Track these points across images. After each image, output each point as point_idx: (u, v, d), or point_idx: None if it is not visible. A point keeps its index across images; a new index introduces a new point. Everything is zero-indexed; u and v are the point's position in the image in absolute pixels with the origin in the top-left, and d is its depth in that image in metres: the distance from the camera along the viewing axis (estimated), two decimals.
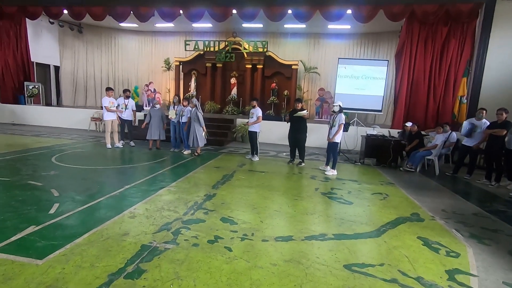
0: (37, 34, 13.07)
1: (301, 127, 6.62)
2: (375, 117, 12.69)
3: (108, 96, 7.57)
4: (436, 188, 5.59)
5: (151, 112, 7.68)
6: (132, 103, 8.04)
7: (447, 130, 7.08)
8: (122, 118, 7.87)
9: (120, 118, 7.85)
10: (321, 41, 13.65)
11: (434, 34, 9.00)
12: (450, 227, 3.61)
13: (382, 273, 2.50)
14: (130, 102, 7.96)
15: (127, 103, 7.86)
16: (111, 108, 7.46)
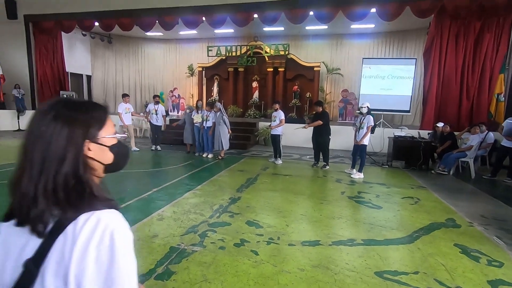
0: (71, 46, 13.94)
1: (323, 129, 6.50)
2: (402, 118, 12.19)
3: (125, 102, 7.92)
4: (472, 192, 5.25)
5: (185, 117, 7.94)
6: (161, 108, 8.30)
7: (484, 130, 6.65)
8: (152, 123, 8.16)
9: (151, 123, 8.16)
10: (343, 41, 13.40)
11: (467, 29, 8.52)
12: (491, 234, 3.37)
13: (417, 281, 2.38)
14: (159, 107, 8.22)
15: (157, 109, 8.13)
16: (126, 114, 7.81)
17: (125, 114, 7.90)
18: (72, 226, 0.61)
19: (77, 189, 0.65)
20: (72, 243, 0.60)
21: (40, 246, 0.62)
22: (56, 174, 0.63)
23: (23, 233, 0.64)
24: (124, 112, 7.86)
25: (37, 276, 0.61)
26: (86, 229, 0.61)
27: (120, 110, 7.86)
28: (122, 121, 7.88)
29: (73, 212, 0.63)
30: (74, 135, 0.66)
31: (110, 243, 0.61)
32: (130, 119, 8.05)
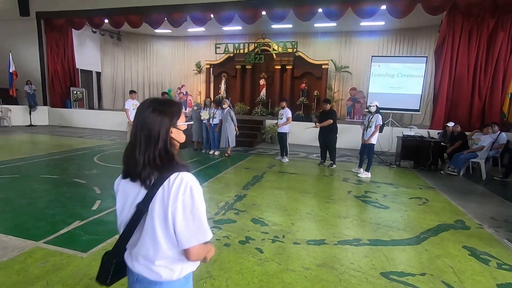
0: (81, 43, 14.12)
1: (331, 128, 6.44)
2: (412, 117, 12.01)
3: (132, 98, 7.99)
4: (483, 194, 5.14)
5: (193, 114, 7.91)
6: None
7: (496, 131, 6.49)
8: None
9: None
10: (352, 39, 13.24)
11: (480, 27, 8.31)
12: (501, 237, 3.29)
13: (424, 283, 2.34)
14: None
15: None
16: (133, 110, 7.89)
17: (132, 110, 7.97)
18: (167, 182, 0.97)
19: (167, 159, 0.99)
20: (168, 192, 0.95)
21: (147, 194, 0.98)
22: (154, 149, 0.97)
23: (135, 186, 1.00)
24: (132, 108, 7.94)
25: (145, 213, 0.98)
26: (175, 184, 0.96)
27: (127, 106, 7.93)
28: (128, 118, 7.95)
29: (166, 173, 0.97)
30: (164, 123, 1.00)
31: (190, 193, 0.96)
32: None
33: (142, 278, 1.03)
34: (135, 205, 0.99)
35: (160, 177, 0.97)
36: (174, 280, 1.03)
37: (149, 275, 1.02)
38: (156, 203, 0.97)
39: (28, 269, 2.32)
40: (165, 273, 1.02)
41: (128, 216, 1.01)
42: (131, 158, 0.99)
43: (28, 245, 2.67)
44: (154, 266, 1.01)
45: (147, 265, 1.02)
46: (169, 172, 0.98)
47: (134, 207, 0.99)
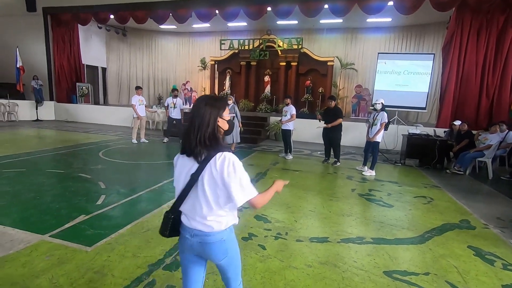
0: (87, 39, 14.18)
1: (336, 125, 6.39)
2: (418, 115, 11.88)
3: (138, 94, 8.04)
4: (489, 193, 5.08)
5: None
6: (180, 102, 8.33)
7: (504, 130, 6.39)
8: (171, 117, 8.25)
9: (169, 117, 8.28)
10: (358, 35, 13.09)
11: (489, 23, 8.15)
12: (507, 237, 3.25)
13: (428, 283, 2.33)
14: (178, 101, 8.27)
15: (175, 102, 8.18)
16: (140, 106, 7.93)
17: (138, 106, 8.03)
18: (213, 159, 1.27)
19: (214, 141, 1.30)
20: (215, 166, 1.26)
21: (198, 167, 1.29)
22: (205, 133, 1.28)
23: (190, 160, 1.32)
24: (138, 104, 7.99)
25: (197, 181, 1.30)
26: (220, 160, 1.26)
27: (133, 102, 8.00)
28: (136, 113, 8.00)
29: (213, 152, 1.28)
30: (214, 114, 1.32)
31: (233, 166, 1.25)
32: (144, 110, 8.18)
33: (198, 232, 1.35)
34: (189, 175, 1.32)
35: (208, 155, 1.28)
36: (222, 230, 1.36)
37: (203, 228, 1.34)
38: (206, 174, 1.28)
39: (33, 262, 2.35)
40: (215, 225, 1.34)
41: (184, 184, 1.34)
42: (187, 139, 1.32)
43: (34, 239, 2.71)
44: (207, 221, 1.33)
45: (201, 221, 1.34)
46: (215, 151, 1.28)
47: (189, 176, 1.32)
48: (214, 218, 1.33)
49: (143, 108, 8.20)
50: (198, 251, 1.40)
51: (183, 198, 1.34)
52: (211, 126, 1.30)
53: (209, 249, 1.37)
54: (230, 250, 1.42)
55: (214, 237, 1.35)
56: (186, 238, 1.38)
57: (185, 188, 1.33)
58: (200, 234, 1.34)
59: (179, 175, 1.38)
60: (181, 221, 1.39)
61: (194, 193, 1.32)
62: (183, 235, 1.40)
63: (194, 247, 1.38)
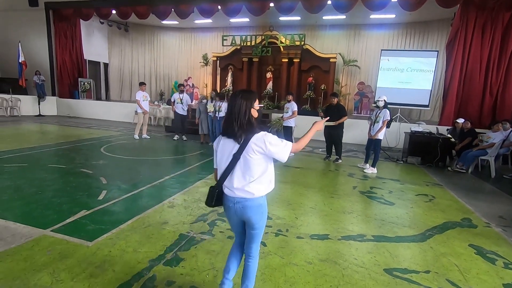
0: (89, 34, 14.16)
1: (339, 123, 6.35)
2: (420, 112, 11.81)
3: (142, 90, 8.02)
4: (492, 192, 5.05)
5: (200, 107, 7.85)
6: (187, 97, 8.23)
7: (507, 128, 6.34)
8: (177, 112, 8.19)
9: (176, 113, 8.23)
10: (362, 32, 12.97)
11: (494, 20, 8.05)
12: (509, 236, 3.24)
13: (428, 281, 2.32)
14: (184, 96, 8.17)
15: (182, 98, 8.10)
16: (144, 101, 7.91)
17: (143, 101, 8.01)
18: (252, 139, 1.61)
19: (249, 125, 1.64)
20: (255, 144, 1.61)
21: (239, 147, 1.62)
22: (243, 119, 1.63)
23: (231, 142, 1.65)
24: (142, 100, 7.98)
25: (239, 158, 1.63)
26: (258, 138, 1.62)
27: (138, 97, 7.99)
28: (142, 108, 7.99)
29: (249, 134, 1.62)
30: (248, 104, 1.67)
31: (268, 138, 1.62)
32: (147, 106, 8.17)
33: (240, 199, 1.70)
34: (232, 154, 1.66)
35: (246, 137, 1.63)
36: (259, 196, 1.71)
37: (245, 195, 1.69)
38: (246, 152, 1.63)
39: (35, 256, 2.37)
40: (256, 192, 1.68)
41: (227, 163, 1.68)
42: (229, 124, 1.68)
43: (36, 233, 2.72)
44: (248, 188, 1.67)
45: (243, 189, 1.68)
46: (251, 134, 1.64)
47: (231, 156, 1.66)
48: (253, 185, 1.67)
49: (147, 104, 8.18)
50: (240, 215, 1.74)
51: (227, 174, 1.69)
52: (246, 114, 1.66)
53: (249, 212, 1.72)
54: (264, 213, 1.78)
55: (253, 202, 1.70)
56: (230, 206, 1.74)
57: (228, 166, 1.68)
58: (242, 200, 1.70)
59: (221, 156, 1.73)
60: (224, 193, 1.75)
61: (237, 168, 1.67)
62: (227, 205, 1.75)
63: (237, 212, 1.74)
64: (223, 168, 1.69)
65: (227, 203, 1.75)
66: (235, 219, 1.80)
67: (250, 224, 1.74)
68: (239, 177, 1.67)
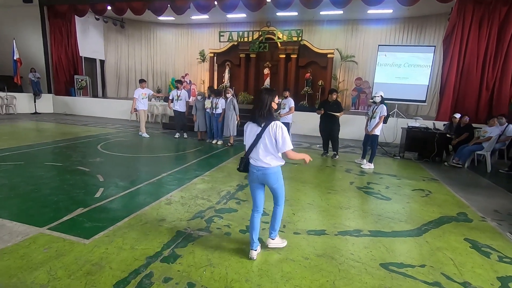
0: (85, 31, 14.02)
1: (335, 118, 6.36)
2: (418, 108, 11.84)
3: (142, 87, 7.93)
4: (487, 186, 5.09)
5: (196, 104, 7.74)
6: (185, 94, 8.01)
7: (503, 123, 6.37)
8: (176, 110, 8.05)
9: (175, 110, 8.09)
10: (359, 27, 12.95)
11: (491, 15, 8.05)
12: (504, 230, 3.27)
13: (423, 275, 2.34)
14: (182, 93, 7.95)
15: (179, 94, 7.90)
16: (142, 100, 7.87)
17: (141, 100, 7.93)
18: (269, 125, 2.28)
19: (269, 115, 2.32)
20: (271, 129, 2.28)
21: (261, 130, 2.31)
22: (264, 110, 2.30)
23: (255, 126, 2.35)
24: (140, 98, 7.90)
25: (260, 138, 2.31)
26: (273, 126, 2.27)
27: (135, 95, 7.91)
28: (133, 106, 7.91)
29: (268, 121, 2.29)
30: (270, 99, 2.33)
31: (281, 129, 2.27)
32: (145, 104, 8.05)
33: (261, 168, 2.36)
34: (255, 135, 2.31)
35: (266, 123, 2.27)
36: (274, 166, 2.36)
37: (264, 165, 2.34)
38: (265, 134, 2.28)
39: (32, 254, 2.37)
40: (272, 163, 2.34)
41: (252, 140, 2.34)
42: (255, 112, 2.32)
43: (32, 231, 2.71)
44: (266, 160, 2.32)
45: (263, 160, 2.33)
46: (270, 121, 2.27)
47: (255, 136, 2.31)
48: (269, 159, 2.34)
49: (146, 101, 8.03)
50: (261, 180, 2.42)
51: (252, 148, 2.36)
52: (267, 106, 2.31)
53: (268, 178, 2.39)
54: (279, 179, 2.44)
55: (270, 170, 2.37)
56: (254, 172, 2.42)
57: (253, 143, 2.34)
58: (262, 169, 2.37)
59: (248, 135, 2.40)
60: (249, 163, 2.44)
61: (258, 145, 2.33)
62: (252, 171, 2.44)
63: (259, 177, 2.41)
64: (249, 144, 2.37)
65: (251, 170, 2.45)
66: (256, 183, 2.45)
67: (270, 184, 2.42)
68: (261, 152, 2.33)
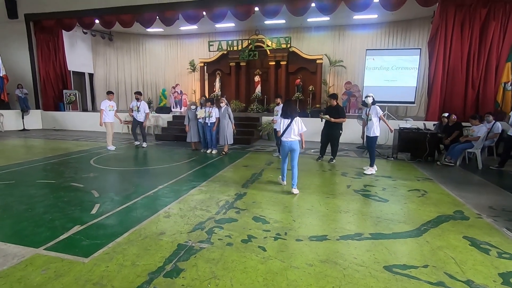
0: (73, 45, 13.93)
1: (337, 123, 6.42)
2: (407, 109, 12.08)
3: (109, 99, 7.91)
4: (480, 183, 5.19)
5: (188, 114, 7.69)
6: (144, 105, 8.26)
7: (490, 120, 6.55)
8: (136, 119, 8.22)
9: (134, 119, 8.24)
10: (346, 33, 13.23)
11: (472, 16, 8.34)
12: (500, 226, 3.33)
13: (427, 275, 2.36)
14: (142, 104, 8.20)
15: (139, 105, 8.14)
16: (110, 112, 7.83)
17: (108, 112, 7.87)
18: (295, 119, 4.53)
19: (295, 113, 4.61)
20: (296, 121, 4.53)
21: (290, 121, 4.53)
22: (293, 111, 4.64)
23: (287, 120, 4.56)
24: (108, 110, 7.84)
25: (289, 126, 4.52)
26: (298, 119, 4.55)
27: (102, 106, 7.80)
28: (101, 118, 7.75)
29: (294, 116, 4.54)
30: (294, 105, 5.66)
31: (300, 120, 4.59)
32: (112, 116, 7.98)
33: (290, 141, 4.49)
34: (286, 125, 4.51)
35: (292, 117, 4.49)
36: (297, 140, 4.52)
37: (292, 140, 4.49)
38: (293, 124, 4.47)
39: (29, 277, 2.29)
40: (295, 139, 4.50)
41: (284, 128, 4.50)
42: (285, 112, 4.56)
43: (28, 252, 2.63)
44: (293, 137, 4.49)
45: (292, 138, 4.48)
46: (295, 116, 4.51)
47: (286, 125, 4.50)
48: (294, 137, 4.46)
49: (112, 114, 7.99)
50: (289, 148, 4.52)
51: (284, 131, 4.47)
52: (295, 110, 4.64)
53: (294, 146, 4.48)
54: (299, 147, 4.56)
55: (295, 142, 4.48)
56: (286, 145, 4.53)
57: (285, 129, 4.48)
58: (291, 142, 4.48)
59: (283, 125, 4.51)
60: (282, 140, 4.56)
61: (288, 130, 4.46)
62: (284, 144, 4.54)
63: (288, 146, 4.52)
64: (283, 130, 4.49)
65: (284, 143, 4.54)
66: (287, 150, 4.57)
67: (293, 150, 4.50)
68: (290, 132, 4.45)
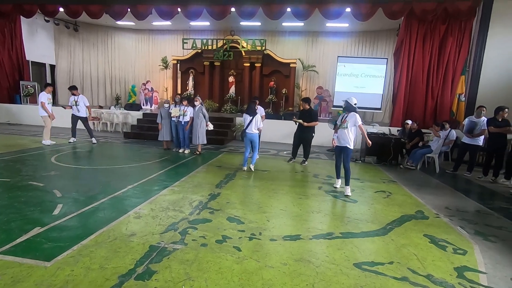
0: (32, 33, 12.89)
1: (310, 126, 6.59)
2: (373, 115, 12.74)
3: (47, 92, 7.55)
4: (437, 186, 5.63)
5: (161, 112, 7.49)
6: (83, 98, 7.98)
7: (447, 128, 7.13)
8: (75, 115, 7.92)
9: (73, 115, 7.94)
10: (319, 39, 13.66)
11: (433, 32, 9.04)
12: (455, 225, 3.64)
13: (392, 271, 2.51)
14: (80, 98, 7.92)
15: (77, 100, 7.86)
16: (48, 105, 7.49)
17: (48, 105, 7.49)
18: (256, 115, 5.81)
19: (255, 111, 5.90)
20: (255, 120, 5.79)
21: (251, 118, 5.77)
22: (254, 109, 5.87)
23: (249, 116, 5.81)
24: (47, 103, 7.46)
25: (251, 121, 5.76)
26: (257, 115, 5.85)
27: (43, 99, 7.40)
28: (47, 111, 7.41)
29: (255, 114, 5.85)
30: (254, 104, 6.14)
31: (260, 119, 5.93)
32: (50, 110, 7.65)
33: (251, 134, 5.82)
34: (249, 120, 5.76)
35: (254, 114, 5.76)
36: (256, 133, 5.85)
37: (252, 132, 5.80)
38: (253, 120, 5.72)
39: None
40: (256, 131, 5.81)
41: (247, 122, 5.77)
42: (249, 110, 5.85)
43: None
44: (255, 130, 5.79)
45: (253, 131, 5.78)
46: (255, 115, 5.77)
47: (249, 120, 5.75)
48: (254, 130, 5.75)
49: (51, 107, 7.65)
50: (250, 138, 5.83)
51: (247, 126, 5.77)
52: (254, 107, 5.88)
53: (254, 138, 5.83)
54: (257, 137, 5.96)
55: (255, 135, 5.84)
56: (248, 137, 5.79)
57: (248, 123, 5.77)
58: (251, 134, 5.78)
59: (245, 120, 5.81)
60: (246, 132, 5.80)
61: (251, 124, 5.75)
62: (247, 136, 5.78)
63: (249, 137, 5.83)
64: (246, 124, 5.68)
65: (247, 135, 5.73)
66: (247, 141, 5.79)
67: (253, 141, 5.83)
68: (252, 127, 5.64)
